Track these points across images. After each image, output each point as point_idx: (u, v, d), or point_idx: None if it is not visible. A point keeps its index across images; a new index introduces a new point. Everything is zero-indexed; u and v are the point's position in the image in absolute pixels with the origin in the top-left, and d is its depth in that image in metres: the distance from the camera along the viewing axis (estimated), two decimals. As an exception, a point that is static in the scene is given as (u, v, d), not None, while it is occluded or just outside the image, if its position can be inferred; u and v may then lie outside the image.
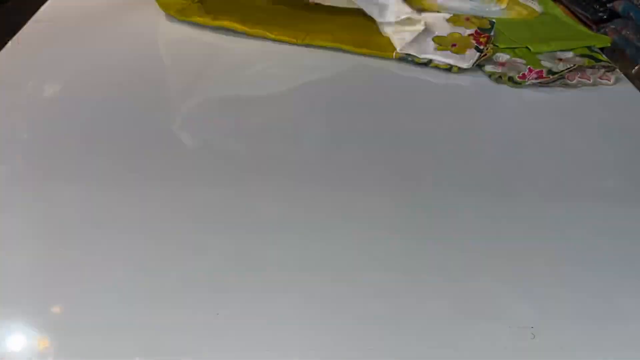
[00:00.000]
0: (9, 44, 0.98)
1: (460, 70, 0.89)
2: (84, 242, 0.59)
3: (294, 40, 0.90)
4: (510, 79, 0.88)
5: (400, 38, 0.92)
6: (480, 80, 0.90)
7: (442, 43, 0.92)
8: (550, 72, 0.88)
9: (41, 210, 0.63)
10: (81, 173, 0.69)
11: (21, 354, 0.48)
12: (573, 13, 1.69)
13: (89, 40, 1.00)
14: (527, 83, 0.87)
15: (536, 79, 0.87)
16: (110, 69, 0.91)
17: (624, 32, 1.49)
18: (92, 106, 0.82)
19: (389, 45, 0.91)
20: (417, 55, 0.89)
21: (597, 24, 1.62)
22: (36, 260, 0.57)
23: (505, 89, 0.87)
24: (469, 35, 0.94)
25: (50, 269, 0.56)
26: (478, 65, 0.92)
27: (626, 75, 0.93)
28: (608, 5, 1.59)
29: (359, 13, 0.94)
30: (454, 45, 0.91)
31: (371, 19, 0.94)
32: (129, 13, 1.10)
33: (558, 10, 1.12)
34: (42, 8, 1.12)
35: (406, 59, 0.90)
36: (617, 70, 0.91)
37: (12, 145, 0.74)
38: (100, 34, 1.03)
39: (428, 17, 0.98)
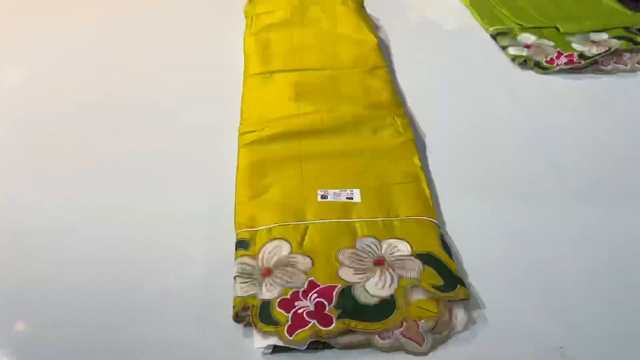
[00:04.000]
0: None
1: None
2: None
3: None
4: (537, 63, 0.87)
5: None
6: (501, 63, 0.89)
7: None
8: (582, 56, 0.87)
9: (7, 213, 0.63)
10: (43, 169, 0.69)
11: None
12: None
13: (64, 18, 1.01)
14: (555, 68, 0.86)
15: (566, 63, 0.86)
16: (92, 52, 0.91)
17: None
18: (71, 98, 0.82)
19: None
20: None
21: (637, 1, 1.61)
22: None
23: (530, 74, 0.87)
24: None
25: (21, 276, 0.56)
26: (501, 47, 0.92)
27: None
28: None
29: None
30: None
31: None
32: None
33: (591, -13, 1.11)
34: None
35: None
36: (659, 54, 0.90)
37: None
38: (78, 10, 1.03)
39: None
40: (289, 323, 0.49)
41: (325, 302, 0.51)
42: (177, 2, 1.08)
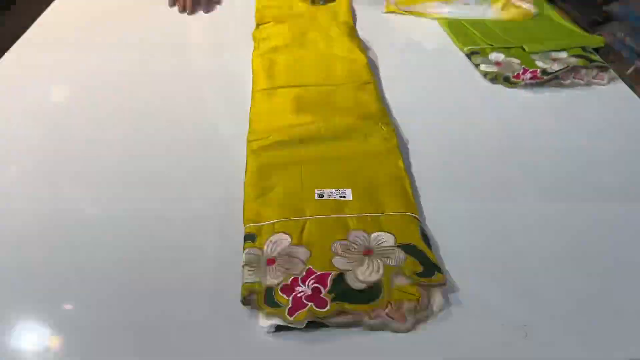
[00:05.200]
0: (14, 46, 0.98)
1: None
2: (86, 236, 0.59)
3: None
4: (506, 78, 0.87)
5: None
6: (475, 78, 0.89)
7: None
8: (544, 72, 0.87)
9: (48, 212, 0.63)
10: (81, 173, 0.69)
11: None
12: (568, 14, 1.68)
13: (89, 44, 1.01)
14: (521, 83, 0.86)
15: (531, 78, 0.86)
16: (111, 72, 0.91)
17: (618, 34, 1.48)
18: (94, 108, 0.82)
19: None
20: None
21: (591, 25, 1.61)
22: (46, 255, 0.57)
23: (500, 88, 0.87)
24: None
25: (61, 265, 0.56)
26: (474, 64, 0.91)
27: (620, 75, 0.91)
28: (603, 7, 1.57)
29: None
30: None
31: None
32: (137, 15, 1.10)
33: (553, 12, 1.11)
34: (45, 12, 1.12)
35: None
36: (611, 70, 0.90)
37: (18, 148, 0.74)
38: (100, 37, 1.03)
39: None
40: (290, 305, 0.49)
41: (321, 287, 0.51)
42: (198, 30, 1.08)
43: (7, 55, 0.95)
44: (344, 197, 0.62)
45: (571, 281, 0.55)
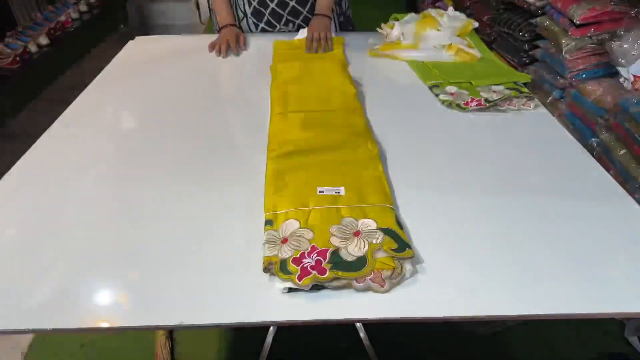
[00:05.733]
0: (94, 81, 0.98)
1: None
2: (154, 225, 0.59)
3: None
4: (458, 105, 0.87)
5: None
6: (436, 105, 0.89)
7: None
8: (487, 100, 0.87)
9: (121, 203, 0.63)
10: (145, 176, 0.69)
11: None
12: (504, 58, 1.68)
13: (153, 77, 1.00)
14: (470, 108, 0.86)
15: (477, 105, 0.86)
16: (172, 99, 0.91)
17: (541, 72, 1.48)
18: (152, 127, 0.82)
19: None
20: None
21: (521, 65, 1.61)
22: (119, 236, 0.57)
23: (454, 112, 0.86)
24: None
25: (130, 242, 0.56)
26: (435, 94, 0.91)
27: (543, 103, 0.91)
28: (529, 52, 1.57)
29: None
30: None
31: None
32: (186, 57, 1.10)
33: (493, 56, 1.10)
34: (118, 55, 1.12)
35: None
36: (536, 99, 0.89)
37: (98, 156, 0.74)
38: (163, 72, 1.03)
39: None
40: (299, 273, 0.49)
41: (322, 260, 0.51)
42: (232, 71, 1.08)
43: (89, 87, 0.95)
44: (339, 192, 0.62)
45: (506, 255, 0.55)
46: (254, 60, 1.10)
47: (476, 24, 1.15)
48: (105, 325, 0.47)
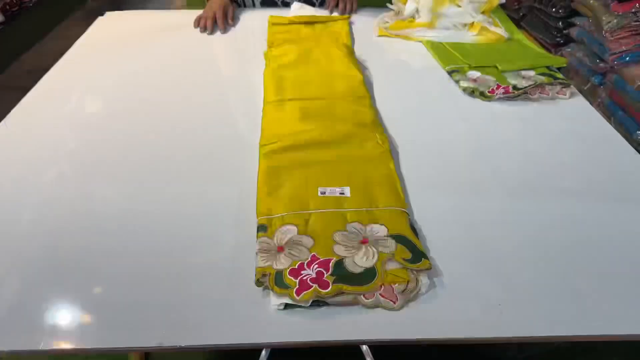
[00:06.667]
0: (57, 64, 0.98)
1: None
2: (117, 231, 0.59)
3: None
4: (482, 93, 0.87)
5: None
6: (455, 93, 0.89)
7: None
8: (515, 87, 0.87)
9: (87, 206, 0.63)
10: (114, 173, 0.69)
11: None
12: (534, 38, 1.69)
13: (123, 60, 1.01)
14: (495, 97, 0.86)
15: (503, 93, 0.86)
16: (148, 86, 0.91)
17: (578, 55, 1.48)
18: (126, 116, 0.82)
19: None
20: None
21: (555, 47, 1.61)
22: (85, 244, 0.57)
23: (477, 101, 0.87)
24: None
25: (97, 251, 0.56)
26: (455, 81, 0.92)
27: (580, 91, 0.92)
28: (564, 31, 1.58)
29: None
30: None
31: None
32: (164, 35, 1.10)
33: (522, 36, 1.11)
34: (84, 34, 1.12)
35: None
36: (572, 86, 0.90)
37: (60, 151, 0.74)
38: (137, 54, 1.03)
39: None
40: (297, 287, 0.49)
41: (324, 271, 0.51)
42: (218, 51, 1.08)
43: (50, 71, 0.95)
44: (343, 194, 0.62)
45: (537, 267, 0.55)
46: (248, 39, 1.10)
47: (503, -1, 1.16)
48: (68, 347, 0.47)
